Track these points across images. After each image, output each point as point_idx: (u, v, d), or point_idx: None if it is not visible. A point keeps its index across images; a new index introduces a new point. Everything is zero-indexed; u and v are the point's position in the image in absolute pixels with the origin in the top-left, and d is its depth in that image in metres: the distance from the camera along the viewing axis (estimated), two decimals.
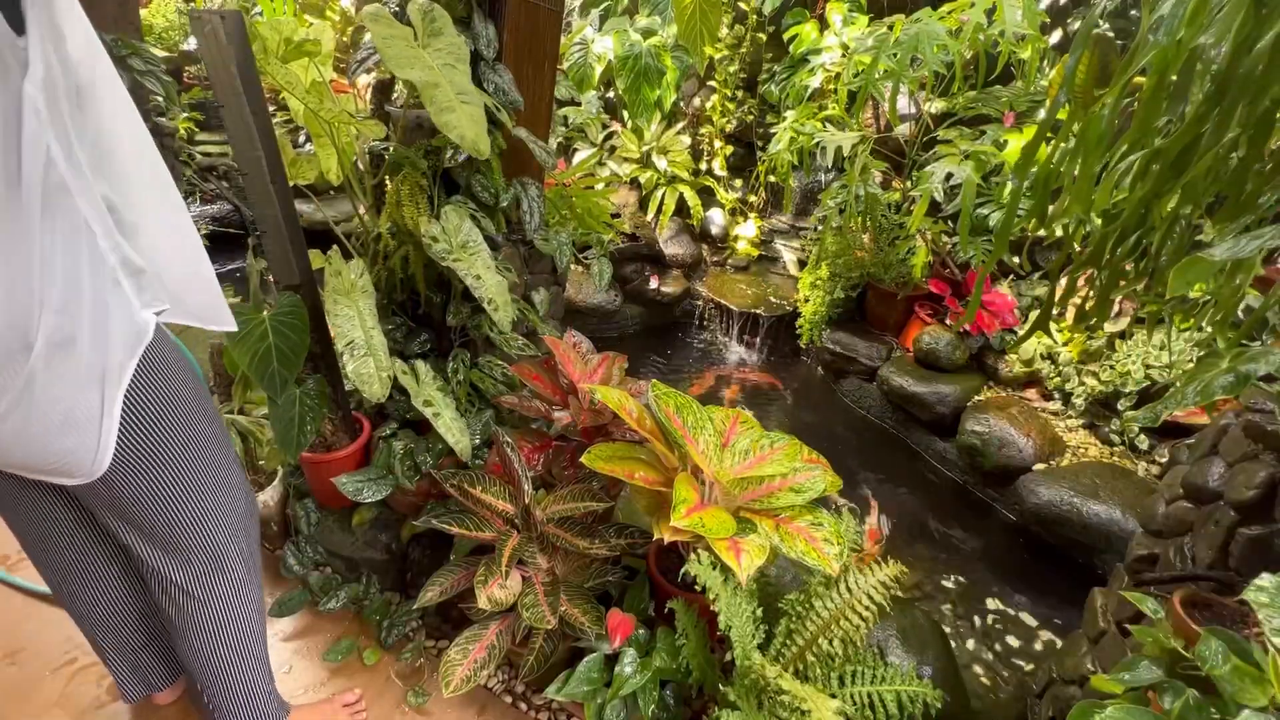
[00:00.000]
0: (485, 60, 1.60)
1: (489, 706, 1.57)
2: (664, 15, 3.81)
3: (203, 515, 1.07)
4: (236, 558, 1.15)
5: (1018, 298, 3.42)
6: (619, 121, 4.42)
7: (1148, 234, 1.11)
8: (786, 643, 1.35)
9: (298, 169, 1.78)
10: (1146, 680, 1.13)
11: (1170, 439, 2.87)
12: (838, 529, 1.34)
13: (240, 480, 1.16)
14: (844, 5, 3.50)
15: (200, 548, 1.09)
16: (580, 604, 1.47)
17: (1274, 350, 0.97)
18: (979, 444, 2.94)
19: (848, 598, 1.33)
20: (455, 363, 1.77)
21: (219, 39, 1.23)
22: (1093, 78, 1.12)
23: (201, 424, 1.04)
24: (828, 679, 1.33)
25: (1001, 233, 1.23)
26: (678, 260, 4.37)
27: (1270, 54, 0.82)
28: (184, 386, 1.00)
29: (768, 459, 1.45)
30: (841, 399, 3.84)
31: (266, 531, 1.89)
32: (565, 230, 1.97)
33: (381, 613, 1.72)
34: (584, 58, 3.64)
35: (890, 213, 3.60)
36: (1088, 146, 1.02)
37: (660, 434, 1.46)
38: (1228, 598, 1.33)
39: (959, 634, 2.36)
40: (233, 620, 1.18)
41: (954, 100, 3.21)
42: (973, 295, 1.51)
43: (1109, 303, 1.20)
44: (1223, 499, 1.51)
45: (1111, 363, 3.04)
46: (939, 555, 2.75)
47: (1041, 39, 2.80)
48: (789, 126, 3.38)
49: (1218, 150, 0.91)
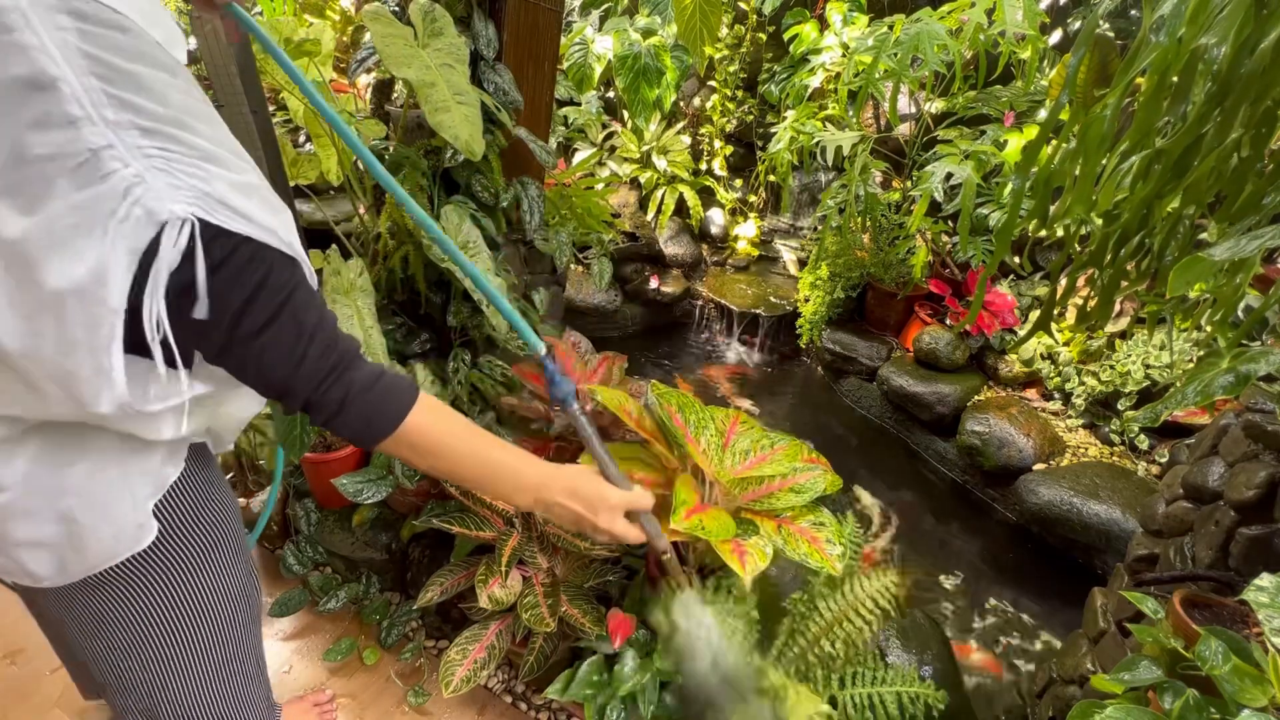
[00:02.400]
0: (485, 60, 1.60)
1: (489, 706, 1.57)
2: (664, 15, 3.81)
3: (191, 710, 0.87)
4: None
5: (1018, 298, 3.42)
6: (619, 121, 4.42)
7: (1149, 234, 1.11)
8: (788, 643, 1.35)
9: (298, 169, 1.78)
10: (1146, 680, 1.13)
11: (1170, 439, 2.87)
12: (840, 529, 1.34)
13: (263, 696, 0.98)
14: (844, 5, 3.50)
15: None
16: (580, 604, 1.47)
17: (1274, 350, 0.97)
18: (979, 444, 2.94)
19: (852, 600, 1.33)
20: (455, 363, 1.77)
21: (219, 39, 1.23)
22: (1093, 78, 1.12)
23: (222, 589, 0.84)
24: (829, 680, 1.33)
25: (1003, 233, 1.23)
26: (678, 260, 4.37)
27: (1272, 54, 0.82)
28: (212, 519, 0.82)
29: (769, 459, 1.45)
30: (841, 399, 3.84)
31: (266, 531, 1.89)
32: (565, 230, 1.97)
33: (381, 612, 1.72)
34: (584, 57, 3.63)
35: (890, 213, 3.60)
36: (1089, 147, 1.02)
37: (660, 434, 1.45)
38: (1228, 598, 1.33)
39: (959, 634, 2.36)
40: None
41: (954, 100, 3.20)
42: (975, 296, 1.51)
43: (1110, 303, 1.20)
44: (1223, 499, 1.51)
45: (1112, 363, 3.04)
46: (939, 555, 2.75)
47: (1041, 39, 2.80)
48: (789, 126, 3.38)
49: (1219, 151, 0.91)
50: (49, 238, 0.48)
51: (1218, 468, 1.56)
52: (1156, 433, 2.91)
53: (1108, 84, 1.08)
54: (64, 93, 0.47)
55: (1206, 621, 1.23)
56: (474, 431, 0.78)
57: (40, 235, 0.48)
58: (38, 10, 0.47)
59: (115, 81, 0.49)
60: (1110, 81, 1.04)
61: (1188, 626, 1.21)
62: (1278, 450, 1.43)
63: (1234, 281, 1.00)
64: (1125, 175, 1.09)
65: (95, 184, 0.48)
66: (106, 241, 0.48)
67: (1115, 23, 3.32)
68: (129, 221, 0.49)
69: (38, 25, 0.46)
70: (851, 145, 3.16)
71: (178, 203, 0.49)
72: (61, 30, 0.47)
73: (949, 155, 2.85)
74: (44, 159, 0.47)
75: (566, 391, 0.97)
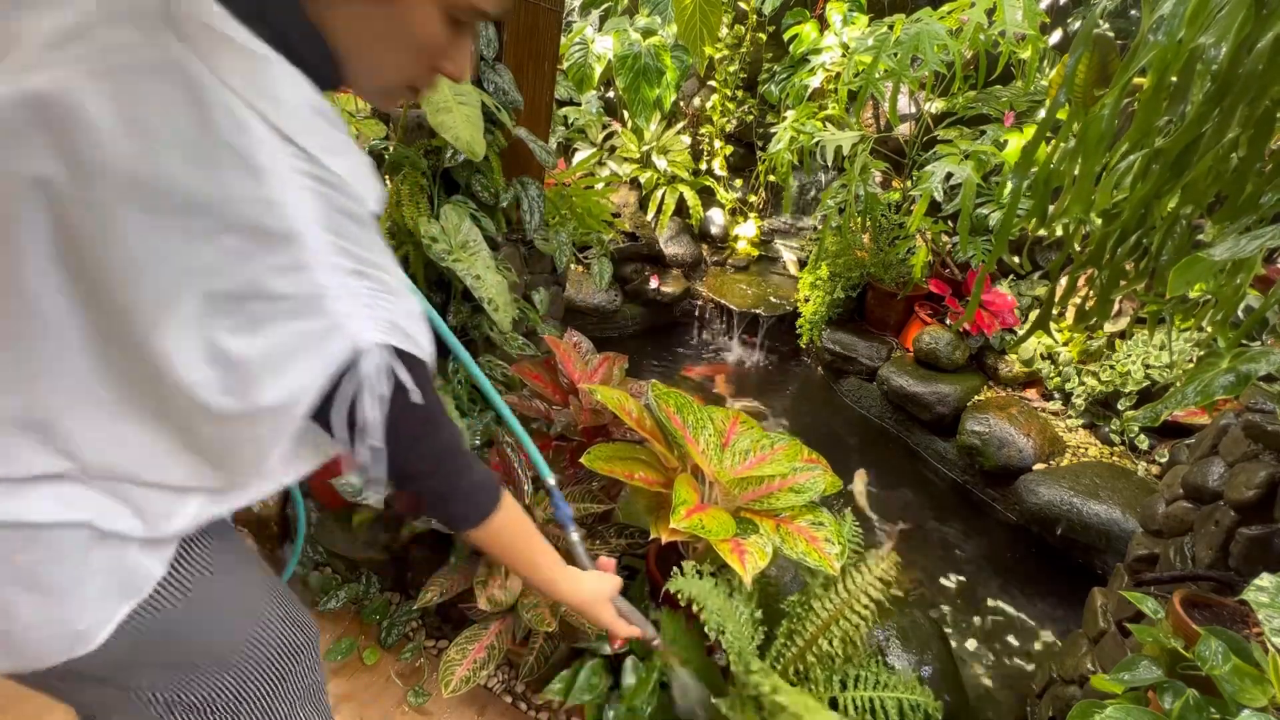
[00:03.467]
0: (485, 60, 1.60)
1: (489, 706, 1.57)
2: (664, 15, 3.81)
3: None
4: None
5: (1018, 297, 3.42)
6: (619, 121, 4.42)
7: (1148, 234, 1.11)
8: (787, 644, 1.35)
9: None
10: (1146, 680, 1.13)
11: (1170, 439, 2.87)
12: (838, 528, 1.34)
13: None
14: (844, 5, 3.50)
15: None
16: None
17: (1274, 350, 0.97)
18: (979, 444, 2.94)
19: (846, 597, 1.33)
20: (455, 363, 1.77)
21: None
22: (1093, 78, 1.12)
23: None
24: (829, 680, 1.33)
25: (1001, 233, 1.23)
26: (678, 260, 4.37)
27: (1270, 54, 0.82)
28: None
29: (768, 459, 1.45)
30: (841, 399, 3.84)
31: (266, 531, 1.89)
32: (565, 230, 1.97)
33: (381, 612, 1.72)
34: (584, 57, 3.63)
35: (890, 213, 3.60)
36: (1088, 146, 1.02)
37: (660, 434, 1.46)
38: (1228, 598, 1.33)
39: (959, 634, 2.36)
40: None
41: (954, 100, 3.20)
42: (972, 295, 1.51)
43: (1109, 303, 1.20)
44: (1223, 499, 1.51)
45: (1111, 363, 3.04)
46: (939, 555, 2.75)
47: (1041, 39, 2.80)
48: (789, 126, 3.38)
49: (1218, 150, 0.91)
50: (267, 359, 0.55)
51: (1218, 468, 1.56)
52: (1156, 433, 2.91)
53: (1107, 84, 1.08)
54: (305, 245, 0.54)
55: (1206, 621, 1.23)
56: (530, 538, 0.90)
57: (259, 356, 0.55)
58: (286, 173, 0.54)
59: (340, 233, 0.57)
60: (1110, 81, 1.04)
61: (1188, 626, 1.21)
62: (1278, 450, 1.43)
63: (1234, 282, 1.00)
64: (1124, 175, 1.09)
65: (315, 318, 0.56)
66: (314, 365, 0.57)
67: (1115, 23, 3.32)
68: (336, 349, 0.57)
69: (286, 184, 0.54)
70: (851, 145, 3.16)
71: (375, 333, 0.58)
72: (302, 190, 0.55)
73: (949, 155, 2.85)
74: (276, 295, 0.54)
75: (565, 515, 1.13)
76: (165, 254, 0.52)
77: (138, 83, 0.51)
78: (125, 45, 0.52)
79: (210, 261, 0.52)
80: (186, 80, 0.52)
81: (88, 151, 0.50)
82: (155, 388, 0.57)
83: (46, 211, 0.52)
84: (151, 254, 0.52)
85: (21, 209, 0.52)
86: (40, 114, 0.50)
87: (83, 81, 0.50)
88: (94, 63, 0.51)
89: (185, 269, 0.52)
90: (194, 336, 0.54)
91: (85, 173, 0.50)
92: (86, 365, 0.57)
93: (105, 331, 0.56)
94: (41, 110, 0.50)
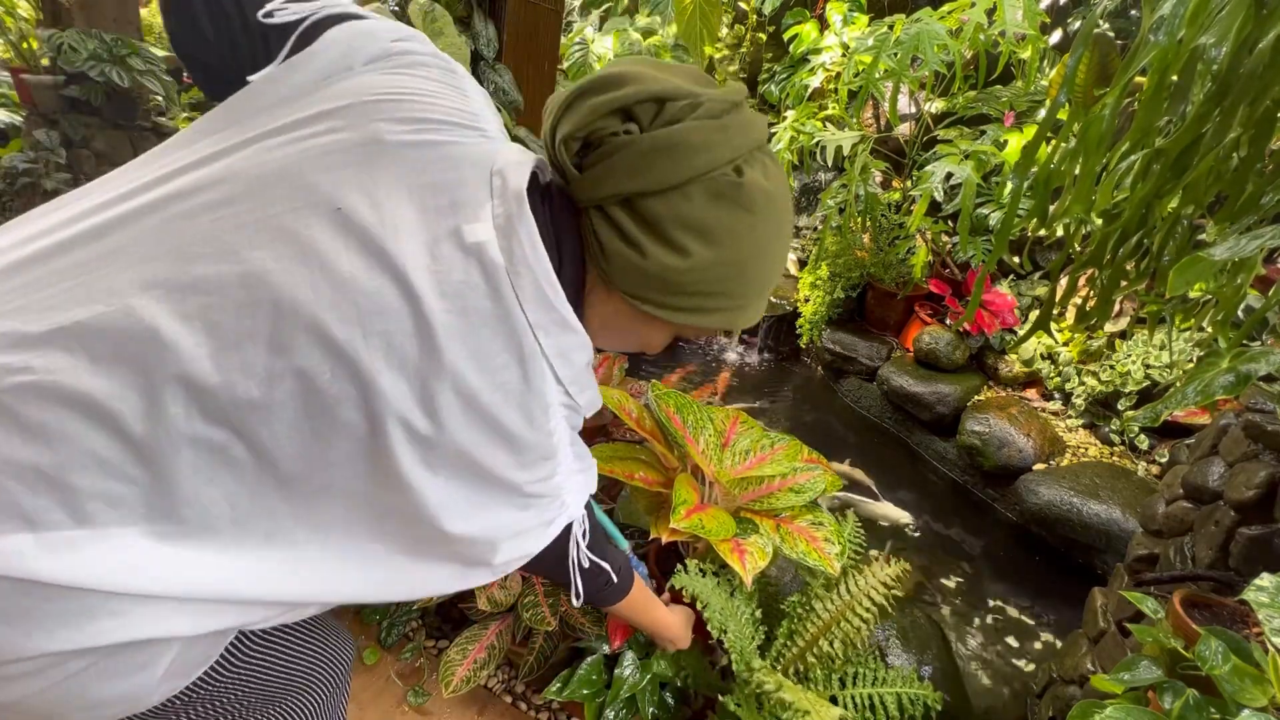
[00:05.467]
0: (485, 60, 1.60)
1: (489, 706, 1.57)
2: (664, 15, 3.81)
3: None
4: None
5: (1018, 298, 3.42)
6: None
7: (1149, 234, 1.11)
8: (787, 644, 1.35)
9: None
10: (1146, 680, 1.13)
11: (1170, 439, 2.87)
12: (838, 528, 1.34)
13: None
14: (844, 5, 3.50)
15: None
16: None
17: (1274, 350, 0.97)
18: (979, 444, 2.94)
19: (848, 599, 1.33)
20: None
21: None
22: (1093, 78, 1.12)
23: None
24: (828, 680, 1.33)
25: (1002, 232, 1.23)
26: None
27: (1271, 54, 0.82)
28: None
29: (769, 459, 1.45)
30: (841, 399, 3.84)
31: None
32: None
33: (381, 612, 1.72)
34: (584, 58, 3.63)
35: (890, 213, 3.60)
36: (1088, 146, 1.02)
37: (660, 434, 1.46)
38: (1228, 598, 1.33)
39: (959, 634, 2.35)
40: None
41: (954, 100, 3.20)
42: (972, 295, 1.51)
43: (1110, 303, 1.20)
44: (1223, 499, 1.51)
45: (1111, 363, 3.04)
46: (939, 555, 2.75)
47: (1041, 39, 2.80)
48: (789, 126, 3.38)
49: (1219, 150, 0.91)
50: (514, 535, 0.69)
51: (1218, 468, 1.56)
52: (1156, 433, 2.91)
53: (1107, 84, 1.08)
54: (560, 461, 0.69)
55: (1206, 621, 1.23)
56: (647, 599, 1.08)
57: (509, 534, 0.69)
58: (557, 408, 0.67)
59: (574, 443, 0.73)
60: (1110, 81, 1.04)
61: (1188, 626, 1.21)
62: (1278, 450, 1.43)
63: (1235, 282, 1.00)
64: (1125, 175, 1.09)
65: (555, 510, 0.72)
66: (545, 537, 0.72)
67: (1115, 22, 3.33)
68: (561, 523, 0.73)
69: (559, 419, 0.67)
70: (851, 145, 3.17)
71: (580, 506, 0.76)
72: (561, 420, 0.68)
73: (949, 155, 2.85)
74: (534, 495, 0.68)
75: (642, 574, 1.23)
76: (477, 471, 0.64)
77: (483, 327, 0.59)
78: (473, 285, 0.59)
79: (512, 479, 0.65)
80: (516, 335, 0.61)
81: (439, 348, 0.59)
82: (416, 544, 0.66)
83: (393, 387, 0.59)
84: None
85: (380, 380, 0.57)
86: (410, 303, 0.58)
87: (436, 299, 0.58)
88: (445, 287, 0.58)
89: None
90: (478, 522, 0.65)
91: (438, 362, 0.58)
92: (365, 530, 0.65)
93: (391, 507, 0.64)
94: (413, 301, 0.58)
